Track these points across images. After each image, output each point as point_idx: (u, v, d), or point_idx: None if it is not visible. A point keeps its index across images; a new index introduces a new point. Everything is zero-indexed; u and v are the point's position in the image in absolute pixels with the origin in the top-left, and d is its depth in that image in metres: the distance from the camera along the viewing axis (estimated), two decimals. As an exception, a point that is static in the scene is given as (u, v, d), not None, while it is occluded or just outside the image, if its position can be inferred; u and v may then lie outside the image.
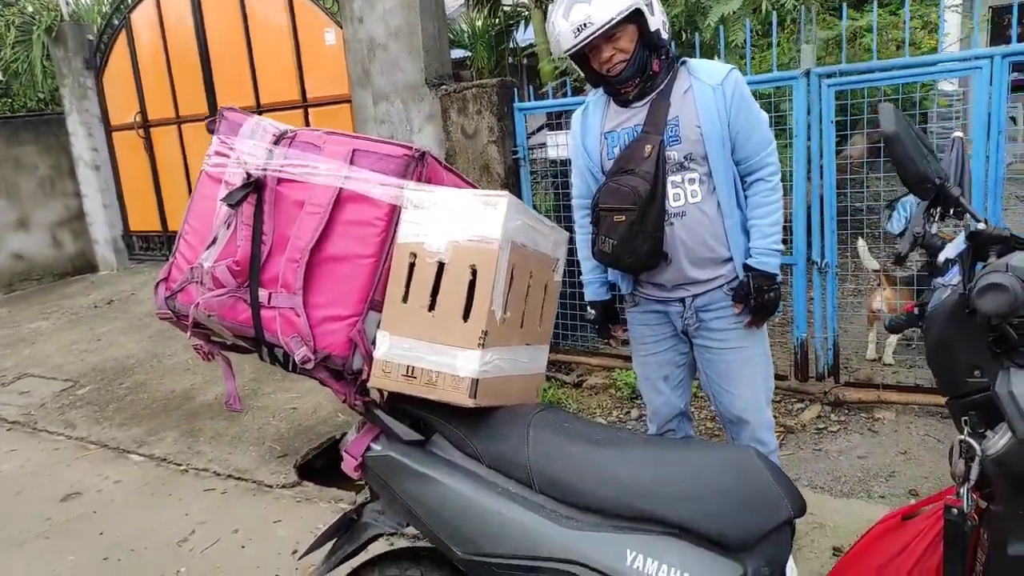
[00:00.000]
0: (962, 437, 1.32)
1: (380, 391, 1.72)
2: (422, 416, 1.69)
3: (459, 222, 1.60)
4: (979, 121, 3.05)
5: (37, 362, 5.77)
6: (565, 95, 4.41)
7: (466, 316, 1.57)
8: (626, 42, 2.10)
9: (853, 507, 2.86)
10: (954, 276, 1.31)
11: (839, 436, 3.44)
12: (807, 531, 2.67)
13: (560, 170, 4.23)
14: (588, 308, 2.50)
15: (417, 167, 1.71)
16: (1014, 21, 2.99)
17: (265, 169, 1.78)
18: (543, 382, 1.89)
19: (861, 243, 3.97)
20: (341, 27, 6.00)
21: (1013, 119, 8.55)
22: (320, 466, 1.92)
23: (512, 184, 4.28)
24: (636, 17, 2.05)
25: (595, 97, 2.32)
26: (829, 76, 3.33)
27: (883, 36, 5.58)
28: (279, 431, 4.11)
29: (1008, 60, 2.97)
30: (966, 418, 1.32)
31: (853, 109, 3.61)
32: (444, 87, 4.46)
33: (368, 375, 1.67)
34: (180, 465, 3.86)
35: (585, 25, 2.03)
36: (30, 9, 8.75)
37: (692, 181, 2.16)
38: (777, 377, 3.82)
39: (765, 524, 1.40)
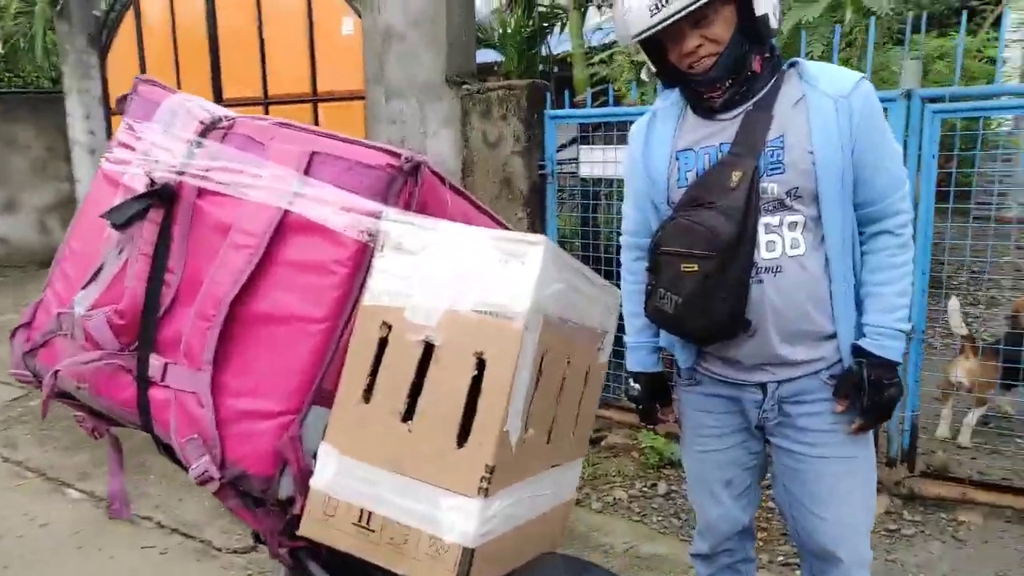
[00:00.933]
0: None
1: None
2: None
3: (466, 280, 1.00)
4: None
5: (-3, 362, 5.21)
6: (605, 103, 3.79)
7: (463, 438, 0.96)
8: (720, 29, 1.50)
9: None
10: None
11: (917, 543, 2.79)
12: None
13: (593, 190, 3.62)
14: (630, 381, 1.87)
15: (406, 186, 1.11)
16: None
17: (182, 172, 1.19)
18: (570, 511, 1.26)
19: (954, 302, 3.33)
20: (360, 15, 5.46)
21: None
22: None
23: (536, 204, 3.67)
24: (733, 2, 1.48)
25: (665, 104, 1.71)
26: (935, 100, 2.70)
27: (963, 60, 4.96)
28: (243, 474, 3.50)
29: None
30: None
31: (963, 143, 2.97)
32: (466, 86, 3.87)
33: (302, 510, 1.05)
34: (121, 509, 3.25)
35: (667, 2, 1.43)
36: (34, -21, 8.25)
37: (794, 226, 1.54)
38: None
39: None
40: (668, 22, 1.45)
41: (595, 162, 3.52)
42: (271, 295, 1.10)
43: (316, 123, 5.72)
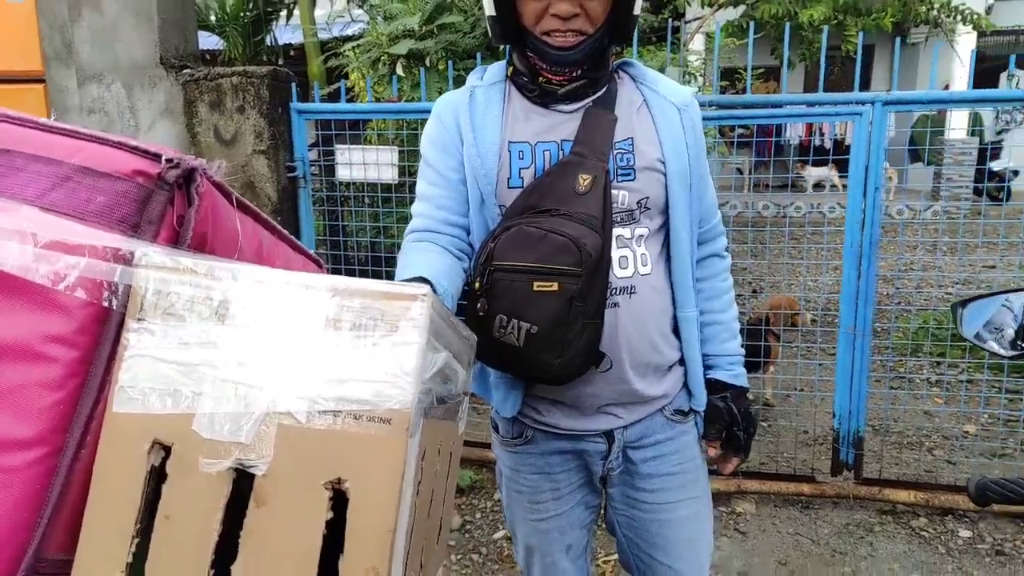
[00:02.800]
0: None
1: None
2: None
3: (298, 363, 0.61)
4: (857, 170, 2.69)
5: None
6: (354, 99, 3.42)
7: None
8: (599, 9, 1.25)
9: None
10: None
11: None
12: None
13: (353, 195, 3.22)
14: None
15: (171, 206, 0.68)
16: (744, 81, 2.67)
17: None
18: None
19: None
20: (32, -21, 4.40)
21: (740, 170, 9.21)
22: None
23: (288, 210, 3.17)
24: None
25: (483, 83, 1.39)
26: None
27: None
28: None
29: (888, 108, 2.64)
30: None
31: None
32: (189, 71, 3.23)
33: None
34: None
35: None
36: None
37: (641, 240, 1.35)
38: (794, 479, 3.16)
39: None
40: None
41: (354, 164, 3.13)
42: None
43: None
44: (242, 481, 0.60)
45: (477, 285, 1.24)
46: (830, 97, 2.77)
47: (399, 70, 3.63)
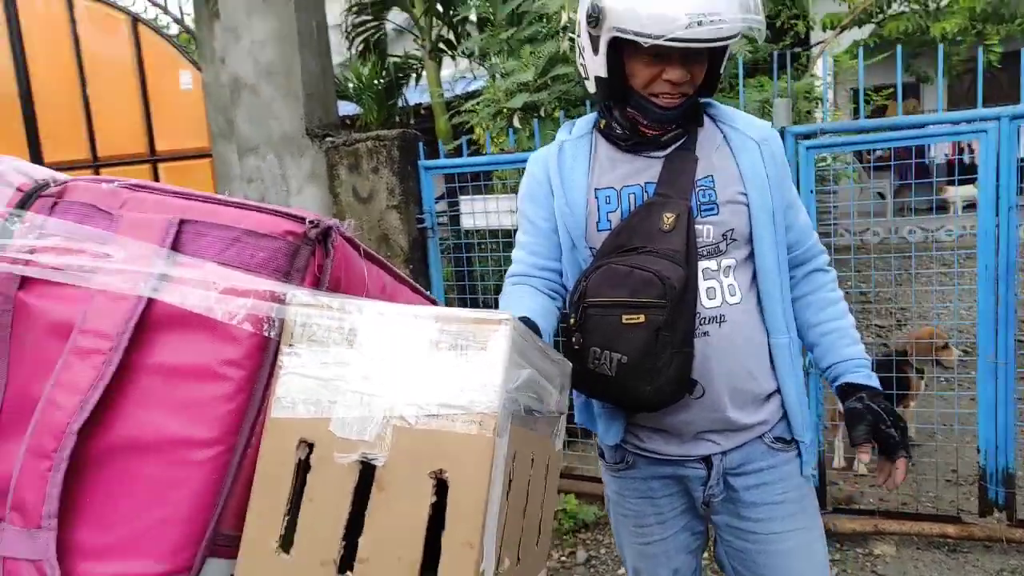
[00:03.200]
0: None
1: None
2: None
3: (409, 377, 0.76)
4: (986, 190, 2.59)
5: None
6: (479, 152, 3.67)
7: (426, 587, 0.72)
8: (701, 71, 1.36)
9: None
10: None
11: (837, 577, 2.76)
12: None
13: (480, 243, 3.44)
14: None
15: (315, 258, 0.87)
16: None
17: (-4, 257, 0.87)
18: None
19: None
20: (200, 69, 5.06)
21: (881, 194, 8.75)
22: None
23: (418, 259, 3.44)
24: (724, 48, 1.34)
25: (572, 137, 1.53)
26: (808, 136, 2.78)
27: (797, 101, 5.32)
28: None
29: (1017, 123, 2.53)
30: None
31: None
32: (331, 139, 3.61)
33: None
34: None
35: (711, 21, 1.22)
36: None
37: (728, 271, 1.42)
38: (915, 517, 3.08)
39: None
40: (707, 43, 1.25)
41: (477, 213, 3.36)
42: (137, 416, 0.81)
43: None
44: (366, 471, 0.76)
45: (572, 321, 1.36)
46: (948, 116, 2.70)
47: (516, 122, 3.86)
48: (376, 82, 6.29)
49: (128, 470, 0.81)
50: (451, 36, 6.12)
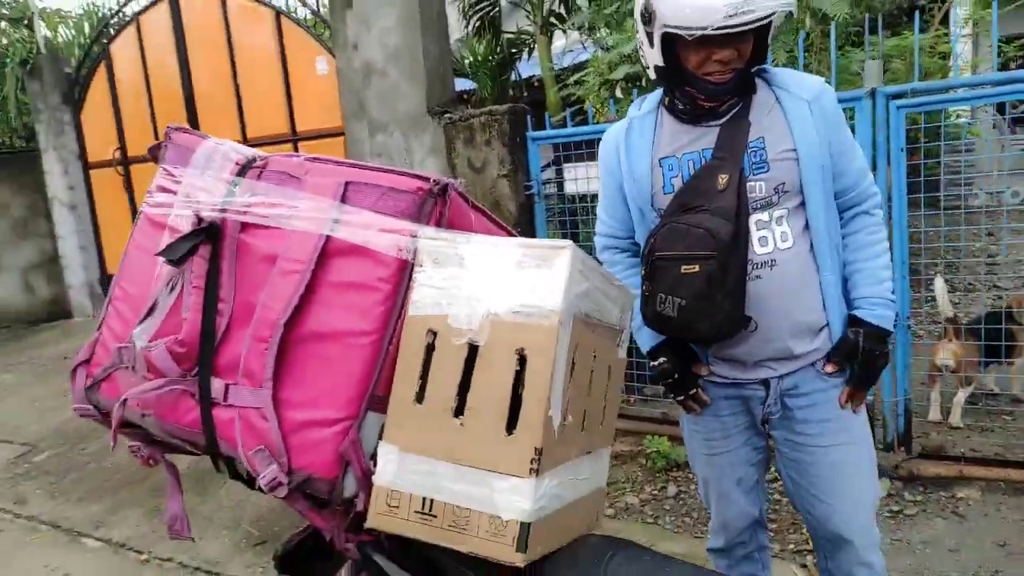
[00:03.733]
0: None
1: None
2: (444, 565, 1.18)
3: (500, 286, 1.11)
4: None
5: (-6, 421, 5.20)
6: (581, 123, 3.95)
7: (511, 426, 1.06)
8: (747, 48, 1.59)
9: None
10: None
11: (920, 521, 2.91)
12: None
13: (581, 207, 3.75)
14: (654, 362, 1.82)
15: (436, 206, 1.22)
16: None
17: (224, 210, 1.29)
18: (604, 497, 1.36)
19: (940, 283, 3.48)
20: (334, 55, 5.60)
21: None
22: (304, 559, 1.45)
23: (526, 222, 3.79)
24: (768, 24, 1.54)
25: (641, 113, 1.80)
26: (899, 96, 2.88)
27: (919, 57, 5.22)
28: (258, 510, 3.54)
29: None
30: None
31: (927, 136, 3.15)
32: (449, 115, 4.01)
33: (366, 506, 1.15)
34: (141, 553, 3.29)
35: (744, 11, 1.45)
36: (3, 41, 8.32)
37: (781, 220, 1.66)
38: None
39: None
40: (743, 27, 1.46)
41: (579, 179, 3.67)
42: (321, 315, 1.20)
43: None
44: (472, 350, 1.11)
45: (644, 272, 1.67)
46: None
47: (619, 92, 4.11)
48: (491, 58, 6.65)
49: (315, 351, 1.20)
50: (562, 10, 6.37)
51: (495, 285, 1.11)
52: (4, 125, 8.70)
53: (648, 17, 1.59)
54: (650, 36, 1.61)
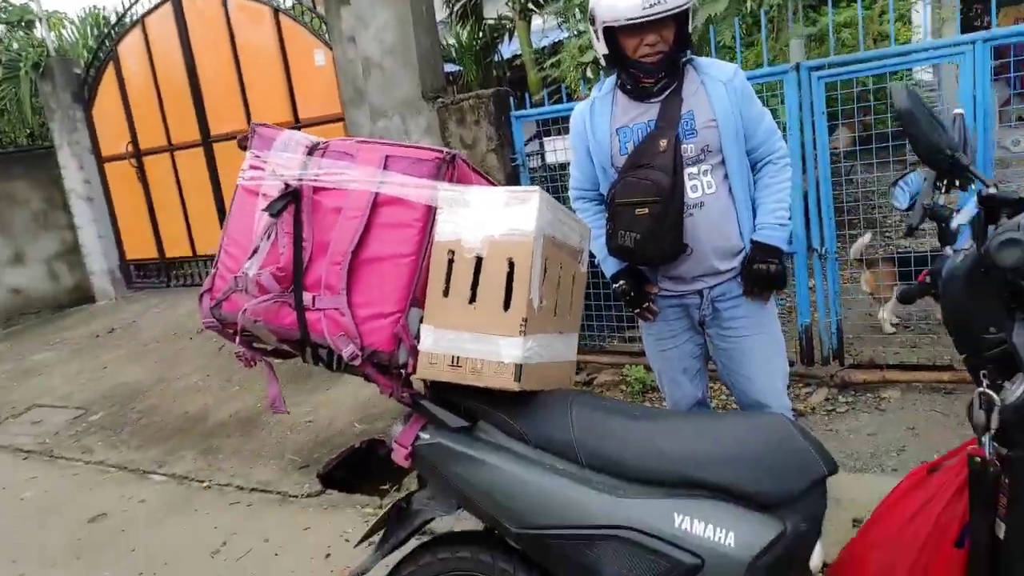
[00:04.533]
0: (982, 390, 1.42)
1: (424, 383, 1.80)
2: (467, 404, 1.78)
3: (494, 218, 1.69)
4: (966, 106, 3.18)
5: (45, 392, 5.79)
6: (558, 100, 4.52)
7: (506, 306, 1.66)
8: (670, 34, 2.15)
9: (866, 481, 2.96)
10: (966, 241, 1.42)
11: (848, 416, 3.55)
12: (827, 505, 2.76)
13: (560, 175, 4.34)
14: (615, 284, 2.43)
15: (448, 169, 1.80)
16: (992, 7, 3.13)
17: (301, 179, 1.87)
18: (575, 369, 1.98)
19: (865, 238, 4.09)
20: (331, 48, 6.12)
21: None
22: (342, 476, 1.98)
23: (513, 190, 4.37)
24: (685, 16, 2.13)
25: (601, 93, 2.38)
26: (818, 69, 3.46)
27: (863, 30, 5.77)
28: (297, 443, 4.16)
29: (989, 44, 3.11)
30: (984, 371, 1.42)
31: (843, 99, 3.74)
32: (441, 100, 4.57)
33: (414, 368, 1.75)
34: (202, 482, 3.91)
35: (656, 4, 2.03)
36: (15, 46, 8.78)
37: (706, 172, 2.25)
38: (783, 363, 3.94)
39: (802, 482, 1.49)
40: (655, 16, 2.02)
41: (559, 150, 4.24)
42: (375, 245, 1.78)
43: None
44: (479, 262, 1.70)
45: (607, 215, 2.27)
46: (924, 44, 3.30)
47: (589, 73, 4.67)
48: (475, 43, 7.18)
49: (373, 269, 1.78)
50: (539, -3, 6.90)
51: (490, 218, 1.70)
52: (19, 125, 9.19)
53: (592, 19, 2.19)
54: (596, 33, 2.20)
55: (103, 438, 4.75)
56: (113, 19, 7.98)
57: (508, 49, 8.34)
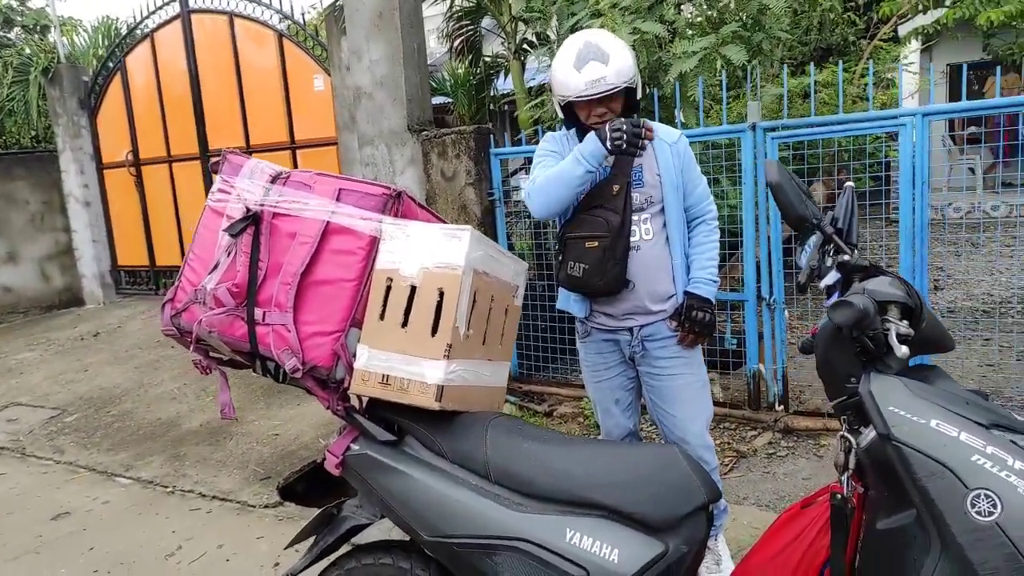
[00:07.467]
0: (842, 433, 1.59)
1: (359, 398, 1.97)
2: (396, 420, 1.94)
3: (429, 251, 1.87)
4: (905, 173, 3.39)
5: (24, 391, 5.92)
6: (537, 142, 4.74)
7: (434, 331, 1.83)
8: (617, 106, 2.39)
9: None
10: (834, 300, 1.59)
11: (787, 460, 3.70)
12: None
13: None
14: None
15: (394, 204, 1.99)
16: (962, 80, 3.32)
17: (262, 204, 2.05)
18: (504, 395, 2.14)
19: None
20: (329, 74, 6.36)
21: (972, 170, 9.07)
22: (302, 489, 2.13)
23: (488, 224, 4.57)
24: (631, 90, 2.39)
25: (564, 133, 2.60)
26: (772, 130, 3.68)
27: (837, 92, 6.01)
28: (262, 456, 4.29)
29: (928, 119, 3.33)
30: (845, 417, 1.59)
31: (810, 159, 3.96)
32: (425, 133, 4.78)
33: (349, 383, 1.91)
34: (167, 487, 4.03)
35: (599, 82, 2.28)
36: (27, 51, 9.05)
37: (647, 221, 2.45)
38: (732, 406, 4.11)
39: (683, 508, 1.65)
40: (597, 95, 2.30)
41: (531, 188, 4.44)
42: (323, 269, 1.95)
43: (295, 167, 6.54)
44: (412, 290, 1.87)
45: (557, 248, 2.47)
46: (870, 115, 3.52)
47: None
48: (471, 79, 7.43)
49: (319, 291, 1.96)
50: (533, 38, 7.16)
51: (427, 251, 1.88)
52: (25, 127, 9.41)
53: (550, 89, 2.42)
54: (553, 100, 2.44)
55: (76, 439, 4.87)
56: (124, 30, 8.23)
57: (504, 85, 8.61)
